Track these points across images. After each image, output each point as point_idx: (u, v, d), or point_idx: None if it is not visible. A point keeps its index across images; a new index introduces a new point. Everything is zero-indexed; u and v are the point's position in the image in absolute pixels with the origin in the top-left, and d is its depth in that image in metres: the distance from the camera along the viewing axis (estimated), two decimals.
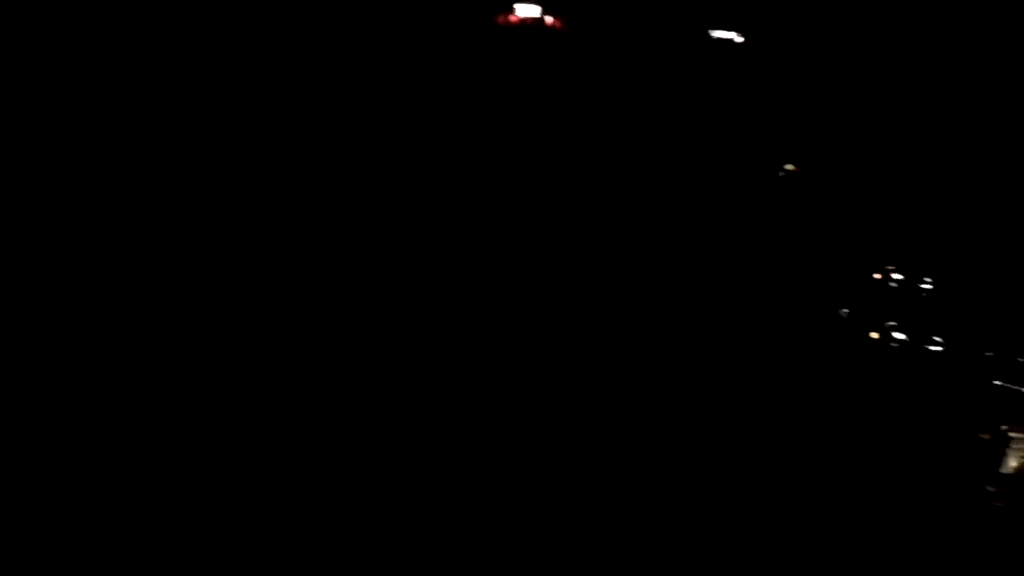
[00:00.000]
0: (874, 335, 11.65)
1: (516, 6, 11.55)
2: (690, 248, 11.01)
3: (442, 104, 11.17)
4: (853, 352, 11.39)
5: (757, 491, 7.84)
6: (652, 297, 10.24)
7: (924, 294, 11.64)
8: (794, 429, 9.14)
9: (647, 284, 10.37)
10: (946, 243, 11.59)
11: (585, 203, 11.01)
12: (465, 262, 9.81)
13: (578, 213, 10.89)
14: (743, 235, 11.49)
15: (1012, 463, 9.13)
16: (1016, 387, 9.87)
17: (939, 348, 10.90)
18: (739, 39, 11.63)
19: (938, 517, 8.38)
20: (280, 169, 10.19)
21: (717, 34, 11.65)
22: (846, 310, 11.70)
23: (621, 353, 9.19)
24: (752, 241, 11.49)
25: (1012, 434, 9.35)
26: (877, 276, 11.94)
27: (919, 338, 11.20)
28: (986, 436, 9.49)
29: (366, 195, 10.34)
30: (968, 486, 8.93)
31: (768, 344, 10.53)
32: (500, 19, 11.52)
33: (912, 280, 11.86)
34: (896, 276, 11.90)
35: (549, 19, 11.58)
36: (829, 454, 8.83)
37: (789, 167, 11.85)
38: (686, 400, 8.79)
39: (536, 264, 10.18)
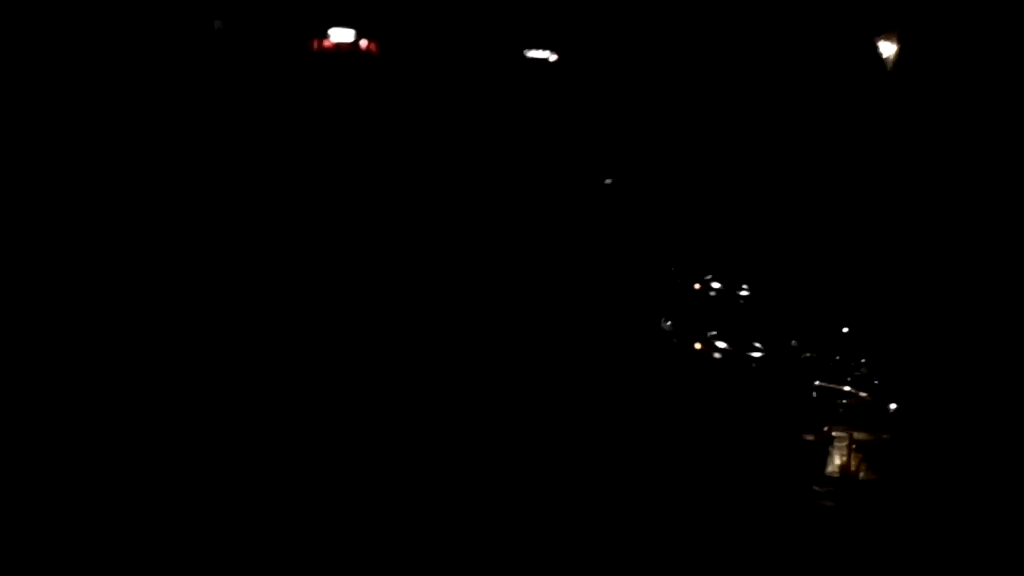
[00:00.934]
0: (697, 345, 11.88)
1: (330, 31, 11.46)
2: (509, 261, 11.06)
3: (259, 126, 11.00)
4: (677, 363, 11.59)
5: (584, 494, 7.91)
6: (474, 307, 10.25)
7: (743, 301, 11.92)
8: (622, 439, 9.25)
9: (468, 295, 10.38)
10: (761, 250, 11.90)
11: (403, 217, 10.97)
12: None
13: (393, 227, 10.85)
14: (562, 249, 11.60)
15: (836, 461, 9.42)
16: (836, 386, 10.19)
17: (760, 354, 11.18)
18: (553, 58, 11.77)
19: (768, 519, 8.57)
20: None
21: (532, 54, 11.77)
22: (668, 322, 11.90)
23: (431, 360, 9.18)
24: (572, 255, 11.61)
25: (834, 433, 9.64)
26: (696, 286, 12.20)
27: (740, 345, 11.47)
28: (810, 437, 9.77)
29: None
30: (795, 488, 9.16)
31: (592, 357, 10.64)
32: (315, 44, 11.43)
33: (730, 288, 12.14)
34: (715, 285, 12.17)
35: (364, 43, 11.53)
36: (657, 463, 8.96)
37: (608, 181, 12.04)
38: (510, 409, 8.81)
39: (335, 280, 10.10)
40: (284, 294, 9.40)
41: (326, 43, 11.45)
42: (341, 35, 11.51)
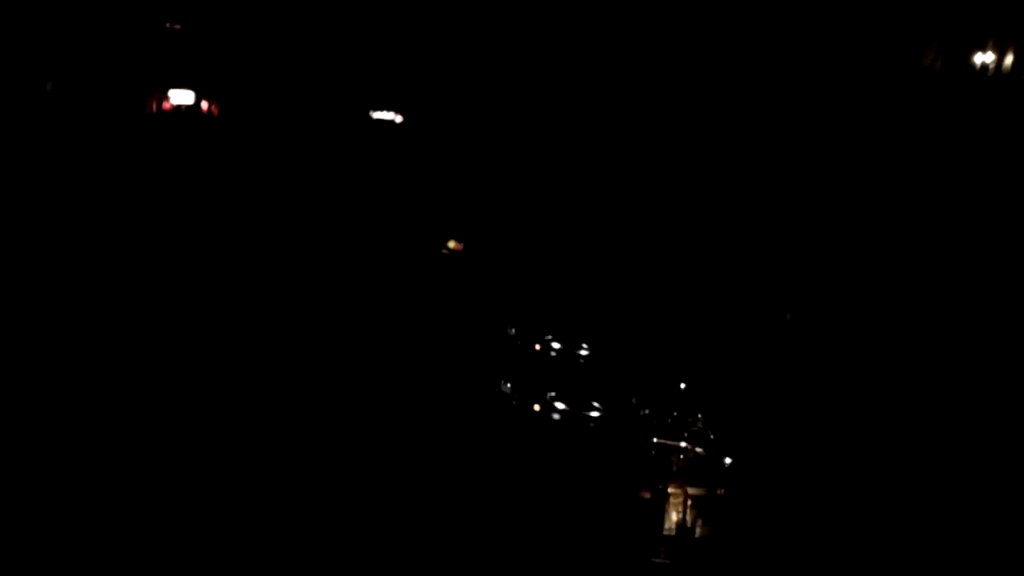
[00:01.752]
0: (536, 407, 11.98)
1: (171, 92, 11.38)
2: (348, 331, 11.06)
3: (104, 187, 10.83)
4: (518, 424, 11.67)
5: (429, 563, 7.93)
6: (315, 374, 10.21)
7: (582, 361, 12.09)
8: (465, 501, 9.29)
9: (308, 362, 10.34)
10: (599, 310, 12.12)
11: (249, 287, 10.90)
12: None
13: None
14: (401, 314, 11.63)
15: (673, 518, 9.59)
16: (672, 442, 10.39)
17: (598, 413, 11.34)
18: (398, 119, 11.89)
19: None
20: None
21: (378, 115, 11.87)
22: (508, 384, 11.99)
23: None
24: (412, 318, 11.65)
25: (671, 490, 9.82)
26: (537, 347, 12.34)
27: (579, 405, 11.60)
28: (647, 494, 9.92)
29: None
30: (632, 546, 9.29)
31: (434, 421, 10.67)
32: (155, 104, 11.32)
33: (569, 348, 12.31)
34: (555, 345, 12.33)
35: (204, 104, 11.47)
36: (499, 524, 9.01)
37: (451, 244, 12.15)
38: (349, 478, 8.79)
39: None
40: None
41: (166, 104, 11.37)
42: (181, 96, 11.45)
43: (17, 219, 10.27)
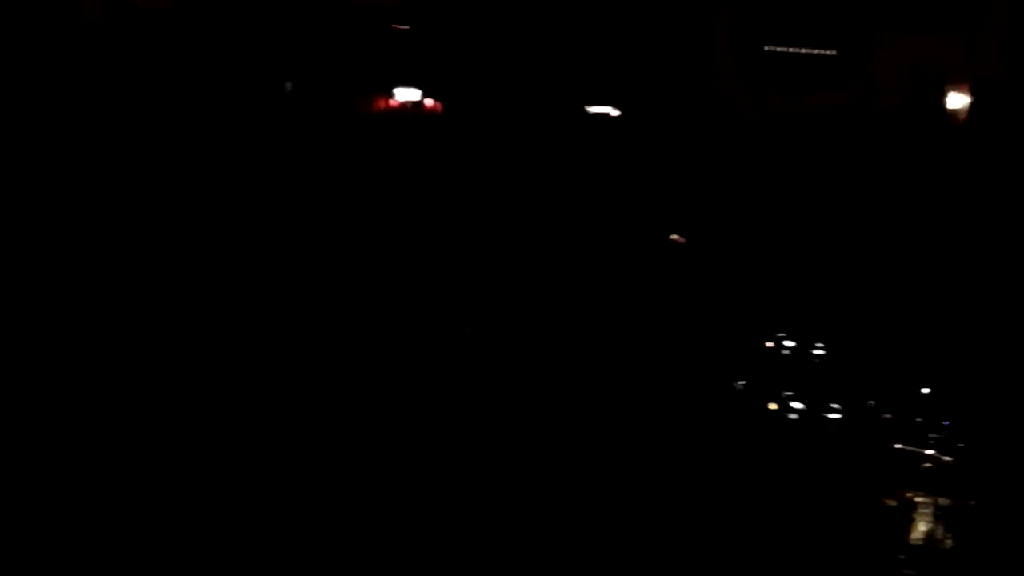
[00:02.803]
0: (772, 406, 11.62)
1: (395, 91, 11.42)
2: (577, 332, 10.90)
3: (322, 188, 10.98)
4: (752, 424, 11.34)
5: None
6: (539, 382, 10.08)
7: (817, 360, 11.65)
8: (695, 501, 9.01)
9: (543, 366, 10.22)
10: (835, 307, 11.64)
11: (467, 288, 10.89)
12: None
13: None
14: (633, 311, 11.42)
15: (920, 529, 9.09)
16: (917, 449, 9.88)
17: (837, 415, 10.90)
18: (615, 112, 11.65)
19: None
20: None
21: (594, 109, 11.66)
22: (742, 381, 11.66)
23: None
24: (643, 317, 11.42)
25: (917, 499, 9.32)
26: (769, 344, 11.93)
27: (816, 406, 11.19)
28: (891, 503, 9.46)
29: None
30: (876, 556, 8.85)
31: (666, 418, 10.42)
32: (380, 104, 11.39)
33: (804, 347, 11.87)
34: (788, 343, 11.91)
35: (429, 102, 11.47)
36: (730, 526, 8.70)
37: (675, 237, 11.84)
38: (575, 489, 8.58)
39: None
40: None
41: (392, 102, 11.42)
42: (407, 95, 11.48)
43: (254, 215, 10.52)
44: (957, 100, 11.21)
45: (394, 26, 11.26)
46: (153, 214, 9.89)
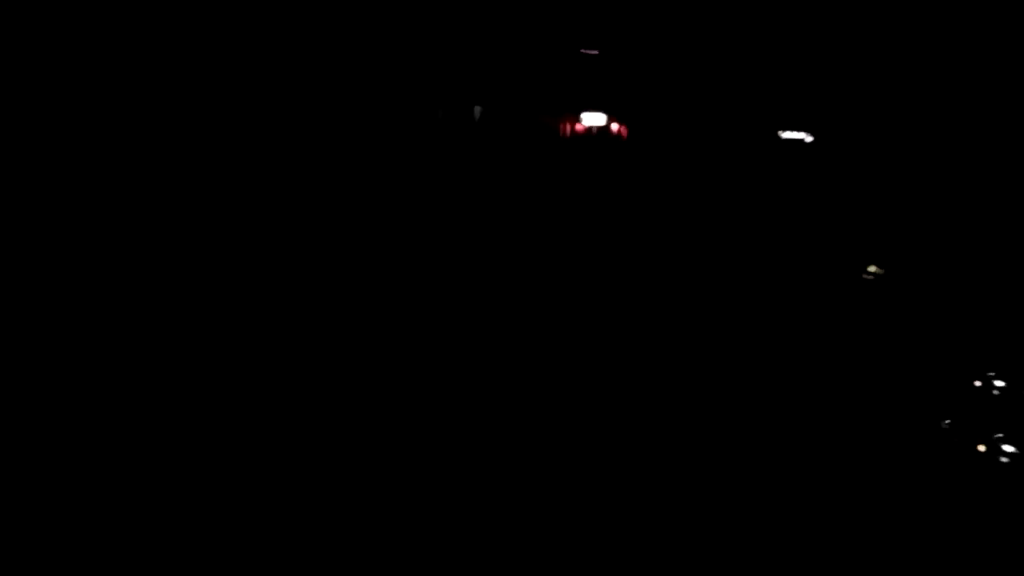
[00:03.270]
0: (981, 448, 10.89)
1: (583, 115, 11.57)
2: (777, 363, 10.55)
3: (509, 214, 11.14)
4: (959, 466, 10.64)
5: None
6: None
7: None
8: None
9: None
10: None
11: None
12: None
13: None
14: (835, 346, 10.99)
15: None
16: None
17: None
18: (808, 139, 11.41)
19: None
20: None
21: (787, 135, 11.46)
22: (947, 421, 11.00)
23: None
24: (843, 350, 10.98)
25: None
26: (977, 383, 11.24)
27: None
28: None
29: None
30: None
31: (865, 455, 9.90)
32: (566, 127, 11.55)
33: (1017, 386, 11.13)
34: (998, 383, 11.19)
35: (615, 127, 11.55)
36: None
37: (873, 269, 11.40)
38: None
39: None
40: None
41: (578, 127, 11.56)
42: (593, 119, 11.60)
43: (441, 240, 10.74)
44: None
45: (584, 51, 11.48)
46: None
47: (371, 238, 10.43)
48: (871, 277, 11.43)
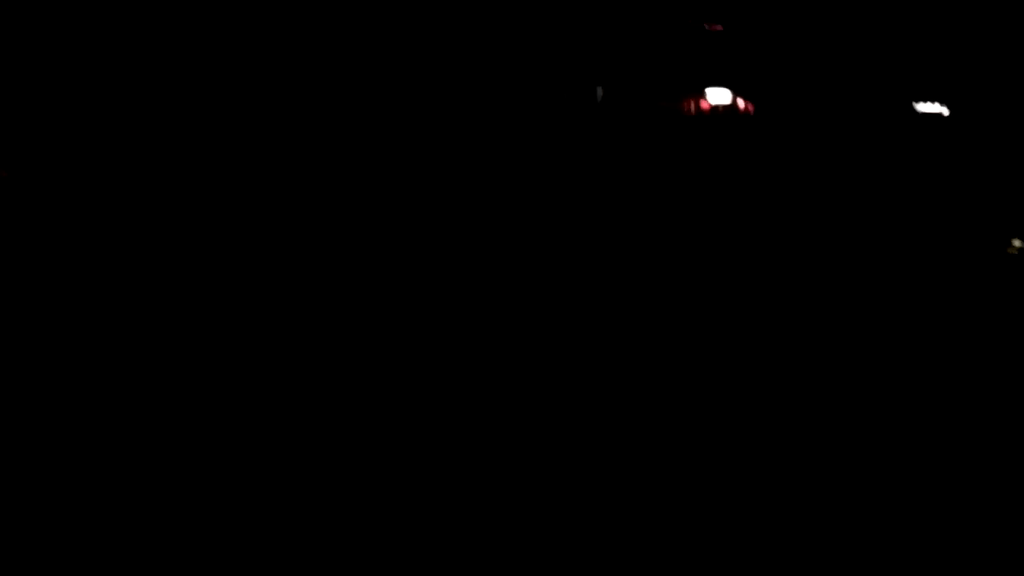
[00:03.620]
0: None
1: (707, 91, 11.25)
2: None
3: (634, 192, 10.90)
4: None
5: None
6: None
7: None
8: None
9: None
10: None
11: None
12: None
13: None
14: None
15: None
16: None
17: None
18: (946, 112, 10.92)
19: None
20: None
21: (923, 108, 10.98)
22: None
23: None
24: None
25: None
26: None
27: None
28: None
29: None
30: None
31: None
32: (689, 105, 11.25)
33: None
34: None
35: (741, 104, 11.21)
36: None
37: (1016, 243, 10.87)
38: None
39: None
40: None
41: (703, 104, 11.25)
42: (718, 95, 11.27)
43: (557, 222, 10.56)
44: None
45: (708, 26, 11.15)
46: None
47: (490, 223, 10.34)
48: (1016, 252, 10.91)
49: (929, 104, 10.97)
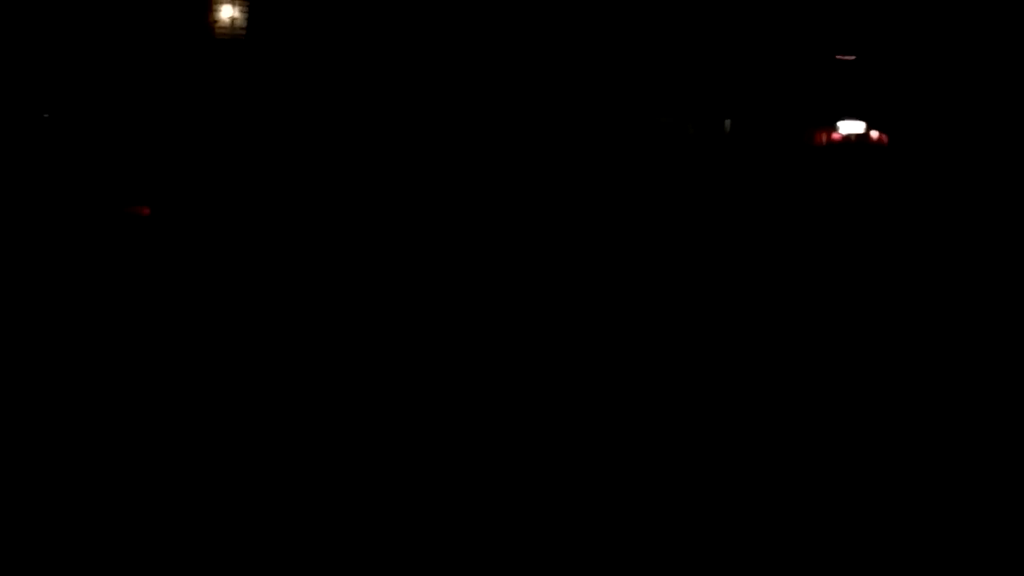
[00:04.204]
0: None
1: (839, 123, 11.07)
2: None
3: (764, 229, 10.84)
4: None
5: None
6: None
7: None
8: None
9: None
10: None
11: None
12: None
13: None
14: None
15: None
16: None
17: None
18: None
19: None
20: None
21: None
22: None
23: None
24: None
25: None
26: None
27: None
28: None
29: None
30: None
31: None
32: (821, 137, 11.09)
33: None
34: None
35: (875, 134, 10.99)
36: None
37: None
38: None
39: None
40: None
41: (835, 135, 11.08)
42: (850, 127, 11.08)
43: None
44: None
45: (839, 57, 10.95)
46: None
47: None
48: None
49: None
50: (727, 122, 11.20)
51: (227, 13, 12.06)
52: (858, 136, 11.06)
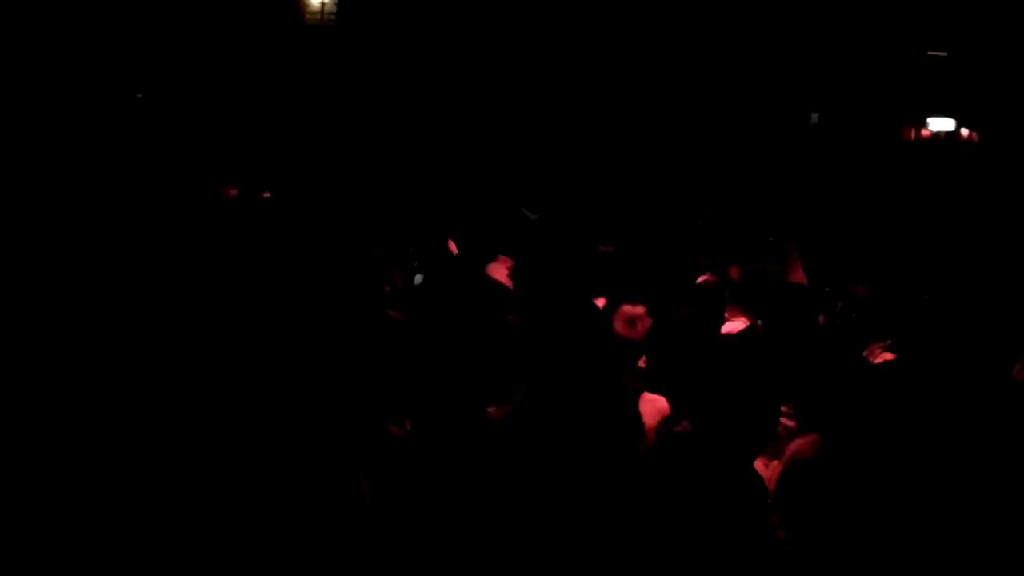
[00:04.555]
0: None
1: (929, 120, 10.90)
2: None
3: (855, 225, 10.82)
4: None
5: None
6: None
7: None
8: None
9: None
10: None
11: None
12: None
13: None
14: None
15: None
16: None
17: None
18: None
19: None
20: None
21: None
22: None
23: None
24: None
25: None
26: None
27: None
28: None
29: None
30: None
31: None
32: (910, 133, 10.95)
33: None
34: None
35: (964, 132, 10.80)
36: None
37: None
38: None
39: None
40: None
41: (924, 132, 10.92)
42: (940, 124, 10.89)
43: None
44: None
45: (930, 53, 10.63)
46: None
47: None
48: None
49: None
50: (814, 115, 11.11)
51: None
52: (948, 134, 10.89)
